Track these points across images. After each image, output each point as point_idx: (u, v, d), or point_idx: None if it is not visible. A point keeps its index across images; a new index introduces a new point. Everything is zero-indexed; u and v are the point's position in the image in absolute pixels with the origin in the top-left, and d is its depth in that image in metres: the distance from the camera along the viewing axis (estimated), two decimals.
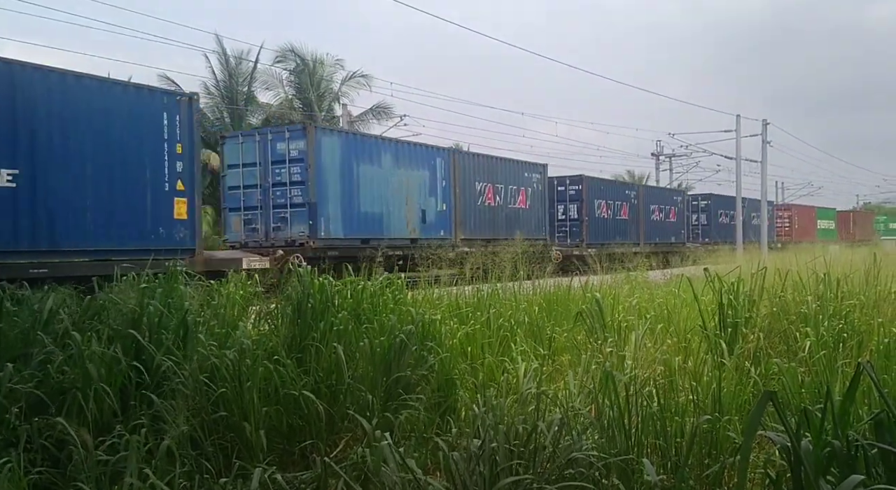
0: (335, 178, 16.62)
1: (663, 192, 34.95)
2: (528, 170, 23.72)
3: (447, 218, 20.02)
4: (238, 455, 3.67)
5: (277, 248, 15.39)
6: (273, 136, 16.57)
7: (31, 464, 3.30)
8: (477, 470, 2.92)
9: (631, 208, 29.45)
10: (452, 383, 4.59)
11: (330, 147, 16.54)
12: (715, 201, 37.91)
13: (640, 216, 30.03)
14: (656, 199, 32.15)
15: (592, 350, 5.00)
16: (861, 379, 2.75)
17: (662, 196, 33.27)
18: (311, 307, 4.93)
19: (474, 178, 21.09)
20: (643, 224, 30.25)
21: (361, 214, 17.24)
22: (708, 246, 32.76)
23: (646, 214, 30.54)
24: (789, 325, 5.56)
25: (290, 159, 16.11)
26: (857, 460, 2.51)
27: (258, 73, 30.39)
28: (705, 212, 37.13)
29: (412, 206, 18.76)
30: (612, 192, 28.70)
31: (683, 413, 3.56)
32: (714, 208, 37.44)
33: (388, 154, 18.18)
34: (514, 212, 22.55)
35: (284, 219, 16.19)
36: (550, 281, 8.70)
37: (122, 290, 5.21)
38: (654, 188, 34.12)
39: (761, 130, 35.86)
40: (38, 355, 4.04)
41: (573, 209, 26.81)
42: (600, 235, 27.06)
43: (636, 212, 29.80)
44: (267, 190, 16.35)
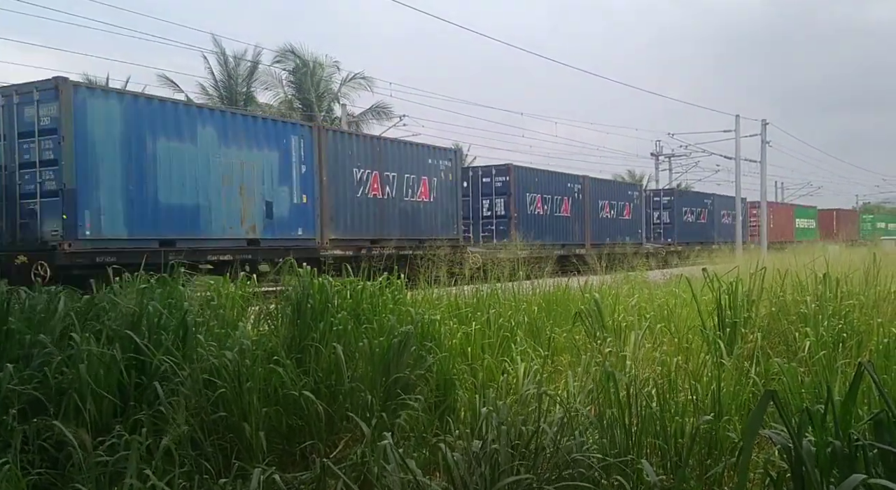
0: (113, 157, 12.21)
1: (615, 186, 30.94)
2: (434, 155, 19.55)
3: (309, 213, 15.70)
4: (237, 455, 3.66)
5: (18, 254, 11.15)
6: (20, 98, 11.91)
7: (30, 465, 3.30)
8: (478, 470, 2.92)
9: (574, 204, 26.01)
10: (451, 384, 4.59)
11: (103, 113, 12.12)
12: (679, 198, 34.92)
13: (585, 213, 26.64)
14: (607, 194, 28.49)
15: (592, 350, 5.00)
16: (861, 379, 2.75)
17: (614, 190, 29.61)
18: (310, 307, 4.93)
19: (352, 163, 16.76)
20: (589, 222, 26.78)
21: (161, 207, 12.91)
22: (671, 247, 30.69)
23: (593, 211, 27.13)
24: (789, 325, 5.56)
25: (39, 130, 11.70)
26: (856, 460, 2.51)
27: (258, 74, 30.45)
28: (668, 209, 33.65)
29: (250, 196, 14.46)
30: (550, 185, 25.23)
31: (683, 413, 3.56)
32: (678, 205, 34.12)
33: (209, 128, 13.72)
34: (413, 206, 18.51)
35: (33, 212, 11.83)
36: (549, 281, 8.70)
37: (121, 290, 5.20)
38: (604, 181, 29.74)
39: (760, 130, 35.87)
40: (38, 356, 4.03)
41: (500, 204, 23.39)
42: (534, 234, 22.70)
43: (581, 208, 26.43)
44: (13, 173, 11.93)
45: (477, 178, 23.62)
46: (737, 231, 34.73)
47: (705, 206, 36.36)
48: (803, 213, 47.96)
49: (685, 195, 35.66)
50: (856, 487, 2.20)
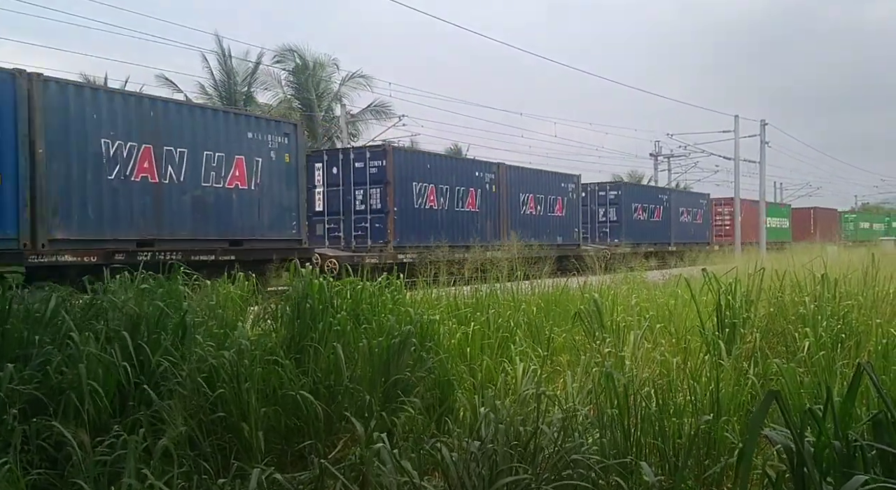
0: None
1: (544, 176, 25.12)
2: (255, 129, 14.34)
3: (9, 202, 10.62)
4: (236, 455, 3.66)
5: None
6: None
7: (29, 465, 3.30)
8: (476, 471, 2.92)
9: (485, 197, 21.66)
10: (450, 384, 4.59)
11: None
12: (628, 192, 30.11)
13: (500, 208, 22.30)
14: (532, 186, 23.87)
15: (591, 350, 5.01)
16: (860, 379, 2.75)
17: (542, 182, 24.54)
18: (309, 307, 4.92)
19: (98, 133, 11.64)
20: (505, 219, 22.29)
21: None
22: (617, 248, 25.79)
23: (511, 206, 22.74)
24: (787, 325, 5.56)
25: None
26: (855, 460, 2.51)
27: (257, 74, 30.44)
28: (615, 205, 29.14)
29: None
30: (448, 174, 20.33)
31: (682, 413, 3.56)
32: (627, 201, 29.45)
33: None
34: (216, 195, 13.48)
35: None
36: (549, 281, 8.71)
37: (120, 289, 5.20)
38: (529, 171, 24.68)
39: (760, 131, 35.89)
40: (38, 356, 4.03)
41: (376, 196, 18.37)
42: (422, 234, 18.88)
43: (494, 202, 22.05)
44: None
45: (349, 162, 18.65)
46: (736, 232, 34.28)
47: (660, 202, 31.99)
48: (775, 212, 43.22)
49: (635, 189, 31.13)
50: (859, 488, 2.20)
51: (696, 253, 26.23)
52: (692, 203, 35.06)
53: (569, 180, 26.08)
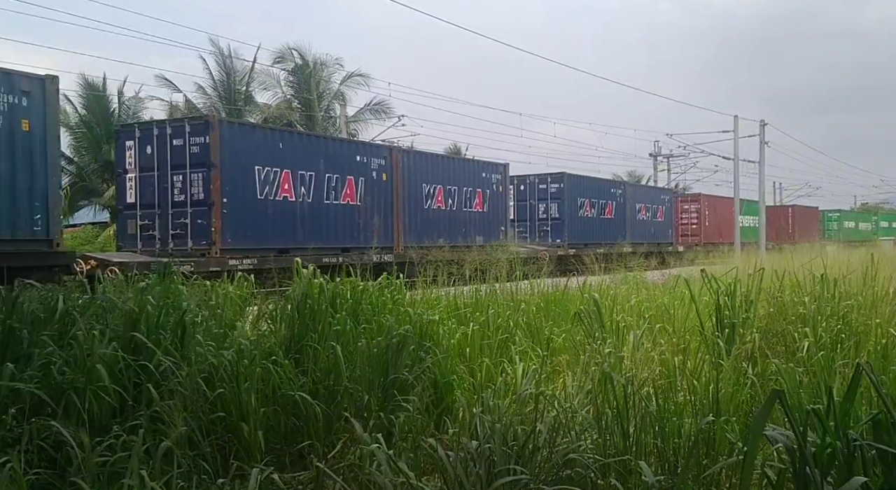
0: None
1: (455, 165, 20.85)
2: None
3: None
4: (236, 455, 3.66)
5: None
6: None
7: (29, 465, 3.29)
8: (474, 471, 2.92)
9: (372, 188, 16.86)
10: (449, 384, 4.59)
11: None
12: (572, 184, 25.53)
13: (395, 202, 17.60)
14: (439, 176, 19.14)
15: (591, 351, 5.00)
16: (860, 380, 2.75)
17: (455, 171, 20.08)
18: (309, 308, 4.92)
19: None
20: (400, 215, 17.71)
21: None
22: (559, 250, 22.90)
23: (410, 200, 18.14)
24: (787, 325, 5.57)
25: None
26: (855, 460, 2.51)
27: (256, 74, 30.44)
28: (557, 200, 24.98)
29: None
30: (312, 157, 15.56)
31: (681, 414, 3.56)
32: (571, 195, 25.31)
33: None
34: None
35: None
36: (548, 281, 8.71)
37: (119, 289, 5.20)
38: (433, 157, 20.47)
39: (759, 131, 35.90)
40: (39, 356, 4.03)
41: (198, 183, 13.72)
42: (270, 233, 14.63)
43: (386, 194, 17.37)
44: None
45: (165, 138, 13.97)
46: (736, 233, 33.32)
47: (613, 197, 27.90)
48: (748, 209, 38.92)
49: (581, 182, 26.56)
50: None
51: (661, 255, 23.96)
52: (652, 199, 31.12)
53: (492, 170, 21.66)
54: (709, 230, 34.70)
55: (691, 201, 35.43)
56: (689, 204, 35.20)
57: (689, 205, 35.14)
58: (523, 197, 25.23)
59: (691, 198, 36.13)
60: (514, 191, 24.69)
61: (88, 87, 28.30)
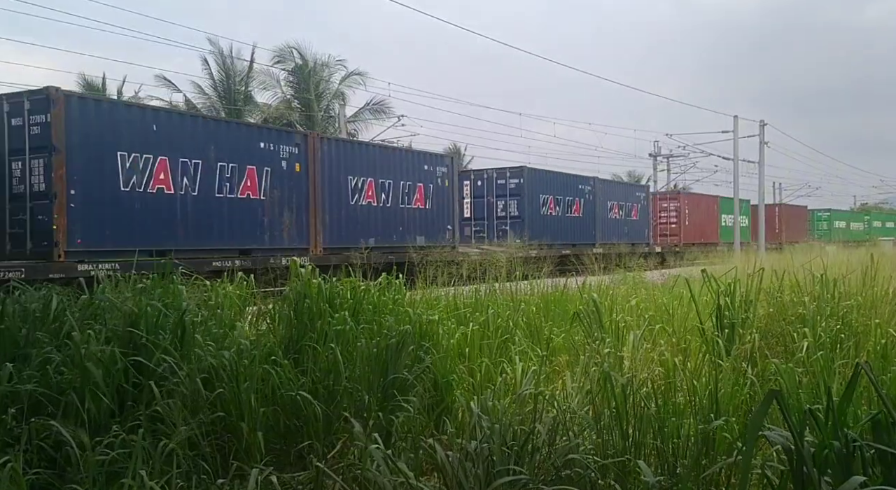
0: None
1: (392, 155, 18.01)
2: None
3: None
4: (235, 455, 3.66)
5: None
6: None
7: (28, 465, 3.29)
8: (472, 471, 2.92)
9: (282, 181, 14.39)
10: (449, 384, 4.59)
11: None
12: (533, 179, 23.20)
13: (311, 197, 15.03)
14: (368, 168, 16.59)
15: (590, 351, 5.00)
16: (858, 380, 2.75)
17: (391, 163, 17.43)
18: (308, 307, 4.92)
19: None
20: (317, 211, 15.13)
21: None
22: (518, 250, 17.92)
23: (332, 194, 15.60)
24: (787, 325, 5.57)
25: None
26: (854, 460, 2.51)
27: (256, 74, 30.44)
28: (517, 196, 22.75)
29: None
30: (202, 144, 13.03)
31: (681, 414, 3.56)
32: (532, 190, 22.98)
33: None
34: None
35: None
36: (548, 281, 8.71)
37: (118, 289, 5.19)
38: (361, 146, 17.98)
39: (759, 131, 35.91)
40: (37, 356, 4.03)
41: (38, 170, 11.19)
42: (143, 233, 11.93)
43: (299, 188, 14.79)
44: None
45: (2, 122, 11.32)
46: (735, 233, 33.27)
47: (580, 194, 25.64)
48: (731, 208, 37.40)
49: (544, 177, 24.18)
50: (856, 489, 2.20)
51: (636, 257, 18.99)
52: (626, 196, 28.74)
53: (437, 162, 18.85)
54: (689, 230, 32.38)
55: (670, 199, 33.06)
56: (668, 202, 32.78)
57: (667, 203, 32.65)
58: (480, 193, 23.20)
59: (670, 196, 33.91)
60: (471, 186, 23.24)
61: (88, 87, 28.30)
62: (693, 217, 32.74)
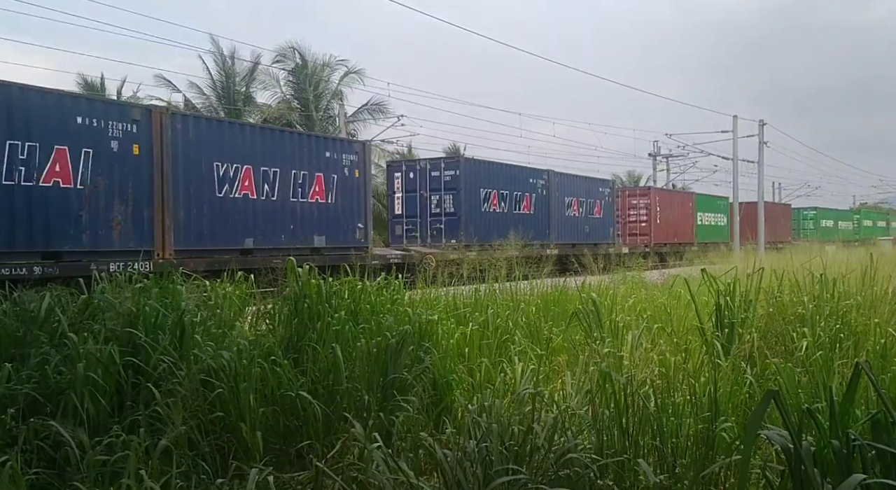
0: None
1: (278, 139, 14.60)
2: None
3: None
4: (235, 455, 3.66)
5: None
6: None
7: (28, 465, 3.29)
8: (471, 470, 2.92)
9: (107, 163, 11.27)
10: (448, 384, 4.59)
11: None
12: (472, 171, 20.48)
13: (160, 187, 12.06)
14: (246, 154, 13.48)
15: (590, 350, 5.01)
16: (859, 379, 2.75)
17: (276, 149, 14.20)
18: (307, 307, 4.92)
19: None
20: (171, 205, 12.26)
21: None
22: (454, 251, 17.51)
23: (189, 184, 12.63)
24: (786, 325, 5.57)
25: None
26: (854, 460, 2.51)
27: (255, 74, 30.40)
28: (453, 191, 19.94)
29: None
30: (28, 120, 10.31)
31: (680, 414, 3.56)
32: (471, 184, 20.24)
33: None
34: None
35: None
36: (548, 281, 8.71)
37: (117, 289, 5.19)
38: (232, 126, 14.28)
39: (758, 131, 35.91)
40: (35, 356, 4.03)
41: None
42: None
43: (137, 175, 11.74)
44: None
45: None
46: (735, 232, 32.86)
47: (533, 188, 22.94)
48: (709, 205, 34.74)
49: (486, 168, 21.37)
50: (855, 488, 2.20)
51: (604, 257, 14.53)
52: (588, 192, 25.90)
53: (342, 149, 15.69)
54: (661, 229, 29.62)
55: (640, 196, 30.19)
56: (638, 199, 29.89)
57: (637, 200, 29.79)
58: (413, 186, 20.58)
59: (640, 191, 31.09)
60: (402, 179, 20.86)
61: (87, 88, 28.29)
62: (665, 215, 30.14)
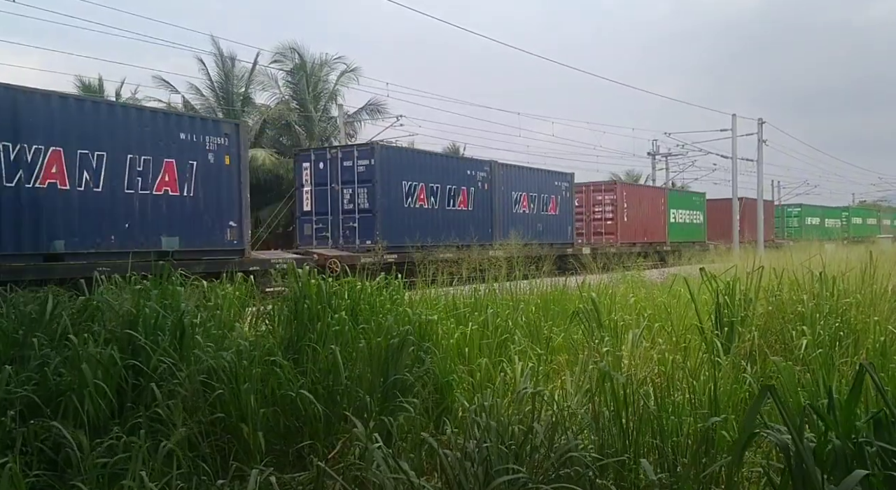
0: None
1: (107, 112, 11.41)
2: None
3: None
4: (235, 456, 3.66)
5: None
6: None
7: (28, 467, 3.29)
8: (472, 470, 2.92)
9: None
10: (449, 384, 4.59)
11: None
12: (389, 161, 17.46)
13: None
14: (55, 132, 10.46)
15: (590, 350, 5.01)
16: (863, 378, 2.75)
17: (103, 123, 11.10)
18: (307, 308, 4.91)
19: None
20: None
21: None
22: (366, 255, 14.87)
23: None
24: (786, 323, 5.57)
25: None
26: (857, 459, 2.51)
27: (255, 74, 30.37)
28: (368, 183, 16.99)
29: None
30: None
31: (680, 412, 3.56)
32: (388, 176, 17.29)
33: None
34: None
35: None
36: (547, 280, 8.71)
37: (117, 291, 5.19)
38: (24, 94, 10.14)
39: (757, 129, 35.90)
40: (35, 358, 4.03)
41: None
42: None
43: None
44: None
45: None
46: (734, 230, 32.63)
47: (470, 181, 19.81)
48: (683, 202, 31.73)
49: (408, 159, 18.42)
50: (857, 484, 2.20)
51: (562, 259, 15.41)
52: (540, 186, 22.95)
53: (204, 129, 12.83)
54: (629, 227, 27.07)
55: (605, 191, 27.09)
56: (603, 194, 26.95)
57: (602, 195, 26.91)
58: (323, 179, 17.61)
59: (605, 186, 27.70)
60: (311, 170, 17.84)
61: (85, 89, 28.26)
62: (634, 212, 27.42)
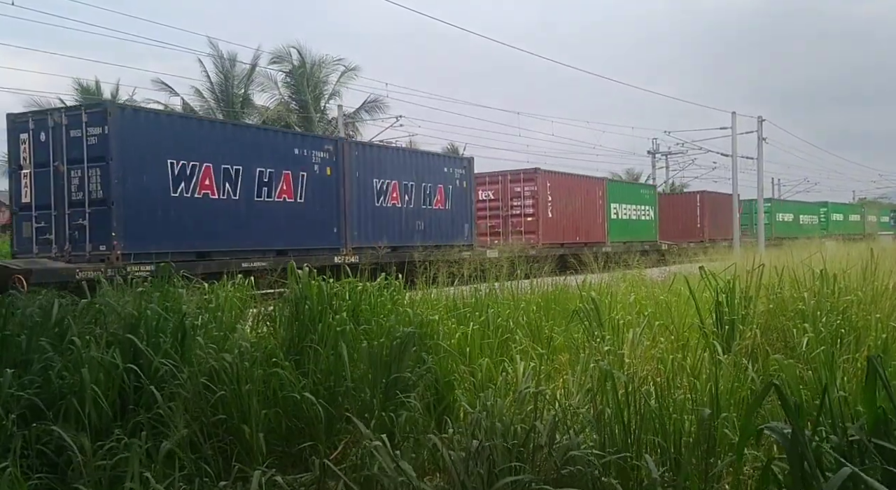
0: None
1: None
2: None
3: None
4: (237, 458, 3.66)
5: None
6: None
7: (30, 470, 3.29)
8: (475, 470, 2.92)
9: None
10: (450, 384, 4.58)
11: None
12: (134, 125, 11.64)
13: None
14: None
15: (591, 349, 5.00)
16: (875, 374, 2.74)
17: None
18: (308, 309, 4.92)
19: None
20: None
21: None
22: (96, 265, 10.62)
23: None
24: (787, 321, 5.56)
25: None
26: (860, 456, 2.51)
27: (254, 75, 30.37)
28: (100, 162, 11.31)
29: None
30: None
31: (682, 410, 3.56)
32: (139, 149, 11.62)
33: None
34: None
35: None
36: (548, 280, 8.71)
37: (117, 293, 5.19)
38: None
39: (757, 127, 35.86)
40: (38, 361, 4.03)
41: None
42: None
43: None
44: None
45: None
46: (734, 229, 32.09)
47: (302, 163, 14.66)
48: (628, 195, 27.28)
49: (186, 128, 12.94)
50: (846, 479, 2.20)
51: None
52: (420, 172, 17.74)
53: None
54: (555, 225, 22.62)
55: (524, 181, 22.27)
56: (522, 185, 22.23)
57: (520, 186, 22.22)
58: (45, 157, 11.87)
59: (524, 175, 22.53)
60: (30, 144, 11.98)
61: (84, 92, 28.27)
62: (561, 207, 22.96)
